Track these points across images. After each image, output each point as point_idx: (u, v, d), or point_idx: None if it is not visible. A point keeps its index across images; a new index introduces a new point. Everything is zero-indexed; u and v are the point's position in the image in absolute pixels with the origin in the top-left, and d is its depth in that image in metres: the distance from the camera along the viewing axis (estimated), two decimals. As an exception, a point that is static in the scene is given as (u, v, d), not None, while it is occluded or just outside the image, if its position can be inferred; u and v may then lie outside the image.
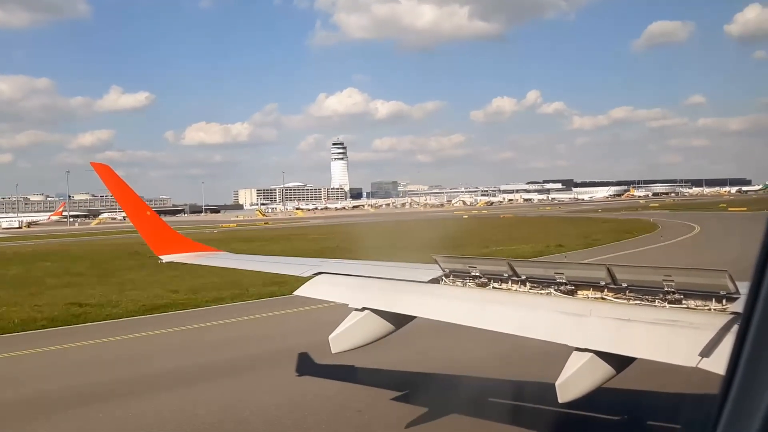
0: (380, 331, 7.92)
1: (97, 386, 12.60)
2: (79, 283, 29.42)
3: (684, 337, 5.21)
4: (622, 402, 9.82)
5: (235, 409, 10.77)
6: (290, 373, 12.88)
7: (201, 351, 15.55)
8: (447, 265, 7.76)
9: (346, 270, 9.52)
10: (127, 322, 19.83)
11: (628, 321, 5.71)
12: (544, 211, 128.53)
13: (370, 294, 8.22)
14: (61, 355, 15.85)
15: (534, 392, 10.01)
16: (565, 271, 6.57)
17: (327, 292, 8.98)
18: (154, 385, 12.62)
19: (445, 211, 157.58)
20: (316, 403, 10.97)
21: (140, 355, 15.56)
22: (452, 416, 9.79)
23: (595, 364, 5.59)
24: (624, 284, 6.08)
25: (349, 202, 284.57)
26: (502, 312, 6.87)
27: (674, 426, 8.88)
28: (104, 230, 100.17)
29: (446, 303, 7.51)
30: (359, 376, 12.08)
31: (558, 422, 8.89)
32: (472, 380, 11.56)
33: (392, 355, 12.66)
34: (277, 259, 13.21)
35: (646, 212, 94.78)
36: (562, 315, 6.28)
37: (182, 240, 12.22)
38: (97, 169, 11.92)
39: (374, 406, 10.64)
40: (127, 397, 11.72)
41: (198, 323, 19.14)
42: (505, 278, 7.14)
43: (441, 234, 57.08)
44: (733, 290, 5.25)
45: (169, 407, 11.14)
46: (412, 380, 11.88)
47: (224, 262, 12.28)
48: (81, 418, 10.78)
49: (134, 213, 11.88)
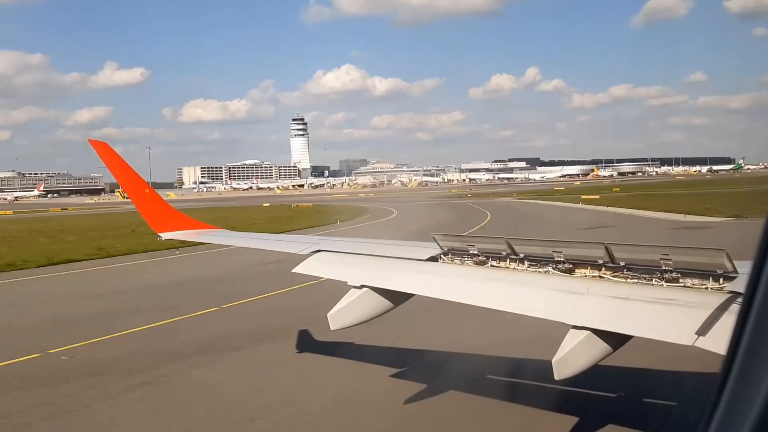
0: (378, 309, 7.98)
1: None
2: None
3: (681, 316, 5.25)
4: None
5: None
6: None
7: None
8: (445, 244, 7.79)
9: (345, 248, 9.56)
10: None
11: (626, 299, 5.75)
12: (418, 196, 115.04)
13: (369, 272, 8.26)
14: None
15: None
16: (564, 250, 6.60)
17: (326, 269, 9.03)
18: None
19: (350, 192, 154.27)
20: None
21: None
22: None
23: (592, 341, 5.63)
24: (622, 263, 6.11)
25: (308, 180, 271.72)
26: (500, 290, 6.91)
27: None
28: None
29: (444, 281, 7.55)
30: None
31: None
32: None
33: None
34: (276, 237, 13.26)
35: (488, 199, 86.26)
36: (559, 293, 6.31)
37: (181, 218, 12.24)
38: (95, 147, 11.89)
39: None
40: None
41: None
42: (504, 256, 7.17)
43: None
44: (731, 269, 5.28)
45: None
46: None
47: (223, 240, 12.32)
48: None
49: (133, 190, 11.88)
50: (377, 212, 63.64)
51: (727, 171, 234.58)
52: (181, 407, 10.07)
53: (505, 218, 52.13)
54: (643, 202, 59.24)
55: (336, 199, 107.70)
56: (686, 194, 77.14)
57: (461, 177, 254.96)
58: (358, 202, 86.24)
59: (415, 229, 38.53)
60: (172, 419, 9.56)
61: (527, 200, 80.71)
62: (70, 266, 28.07)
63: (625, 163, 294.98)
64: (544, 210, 62.01)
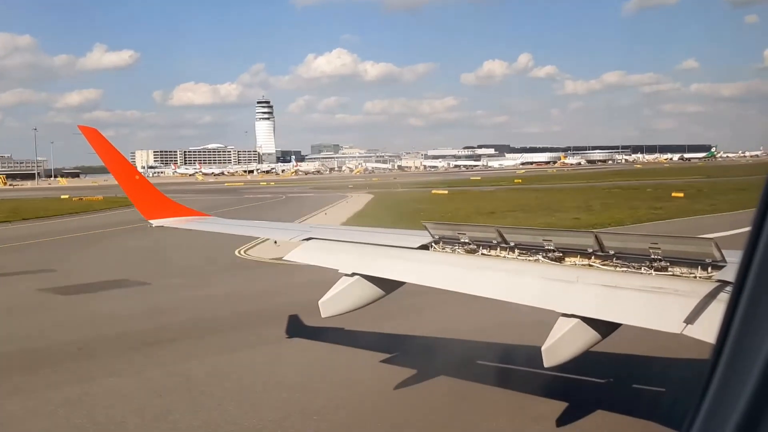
0: (370, 296, 8.00)
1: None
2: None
3: (669, 304, 5.30)
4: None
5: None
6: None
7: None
8: (437, 232, 7.81)
9: (336, 236, 9.56)
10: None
11: (615, 288, 5.80)
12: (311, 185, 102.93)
13: (361, 260, 8.27)
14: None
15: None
16: (554, 238, 6.65)
17: (317, 257, 9.03)
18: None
19: (281, 180, 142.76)
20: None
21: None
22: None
23: (582, 329, 5.69)
24: (611, 252, 6.16)
25: (257, 166, 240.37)
26: (490, 278, 6.95)
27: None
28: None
29: (435, 269, 7.58)
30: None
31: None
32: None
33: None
34: (267, 224, 13.22)
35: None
36: (549, 281, 6.36)
37: (172, 204, 12.17)
38: (84, 133, 11.78)
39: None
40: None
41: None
42: (494, 245, 7.20)
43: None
44: (719, 258, 5.33)
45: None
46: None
47: (213, 227, 12.26)
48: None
49: (123, 177, 11.78)
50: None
51: (700, 159, 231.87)
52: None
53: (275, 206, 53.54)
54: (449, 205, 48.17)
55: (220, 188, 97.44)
56: (573, 188, 68.65)
57: (418, 164, 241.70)
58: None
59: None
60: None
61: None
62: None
63: (596, 150, 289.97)
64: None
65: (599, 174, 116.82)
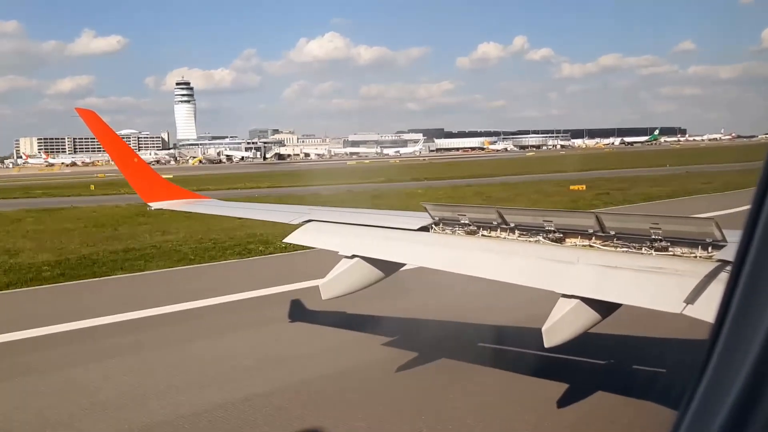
0: (370, 278, 8.02)
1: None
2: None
3: (670, 284, 5.29)
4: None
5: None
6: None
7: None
8: (436, 213, 7.79)
9: (336, 218, 9.54)
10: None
11: (615, 268, 5.79)
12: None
13: (360, 241, 8.27)
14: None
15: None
16: (554, 219, 6.63)
17: (317, 239, 9.03)
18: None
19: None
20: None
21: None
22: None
23: (582, 310, 5.69)
24: (612, 232, 6.15)
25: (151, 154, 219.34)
26: (491, 259, 6.95)
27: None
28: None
29: (435, 250, 7.58)
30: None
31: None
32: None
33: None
34: (266, 207, 13.19)
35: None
36: (549, 262, 6.36)
37: (170, 187, 12.17)
38: (82, 115, 11.71)
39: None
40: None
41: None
42: (494, 226, 7.19)
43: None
44: (720, 238, 5.31)
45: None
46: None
47: (213, 209, 12.26)
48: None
49: (121, 160, 11.75)
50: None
51: (642, 143, 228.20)
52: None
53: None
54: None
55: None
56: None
57: (324, 151, 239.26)
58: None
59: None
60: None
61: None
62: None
63: (530, 135, 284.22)
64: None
65: (491, 162, 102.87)
